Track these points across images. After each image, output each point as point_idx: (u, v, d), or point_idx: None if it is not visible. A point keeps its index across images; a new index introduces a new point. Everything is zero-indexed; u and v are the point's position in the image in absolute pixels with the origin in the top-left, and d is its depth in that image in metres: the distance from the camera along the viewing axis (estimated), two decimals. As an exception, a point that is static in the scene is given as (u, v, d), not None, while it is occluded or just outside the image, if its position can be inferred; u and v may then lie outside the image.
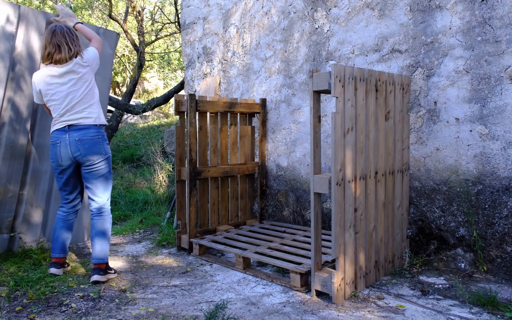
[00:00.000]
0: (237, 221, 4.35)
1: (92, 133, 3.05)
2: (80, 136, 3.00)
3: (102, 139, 3.10)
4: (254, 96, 4.61)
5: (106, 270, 3.11)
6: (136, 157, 8.53)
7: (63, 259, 3.24)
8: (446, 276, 3.05)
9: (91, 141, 3.03)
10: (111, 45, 3.94)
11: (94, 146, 3.04)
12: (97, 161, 3.06)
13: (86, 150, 3.02)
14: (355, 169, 2.76)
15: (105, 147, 3.12)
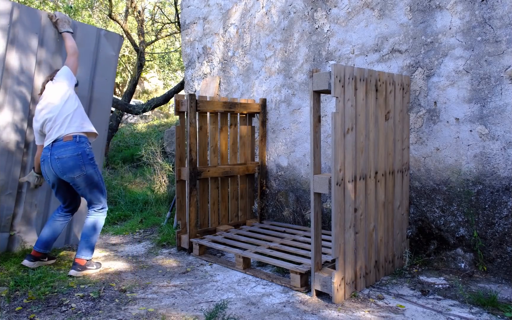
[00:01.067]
0: (237, 221, 4.35)
1: (70, 151, 3.11)
2: (59, 154, 3.11)
3: (82, 155, 3.13)
4: (254, 96, 4.61)
5: (85, 266, 3.22)
6: (136, 157, 8.53)
7: (40, 254, 3.35)
8: (446, 276, 3.05)
9: (69, 160, 3.10)
10: (113, 47, 3.93)
11: (72, 164, 3.11)
12: (77, 177, 3.16)
13: (64, 169, 3.13)
14: (355, 169, 2.76)
15: (85, 163, 3.15)
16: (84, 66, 3.74)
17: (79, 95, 3.57)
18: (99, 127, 3.79)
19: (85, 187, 3.20)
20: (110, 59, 3.91)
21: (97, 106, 3.86)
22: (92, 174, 3.19)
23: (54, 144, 3.12)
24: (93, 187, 3.23)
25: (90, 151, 3.20)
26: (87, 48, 3.76)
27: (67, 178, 3.15)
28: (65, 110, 3.16)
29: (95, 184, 3.24)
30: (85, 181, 3.17)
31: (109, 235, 4.56)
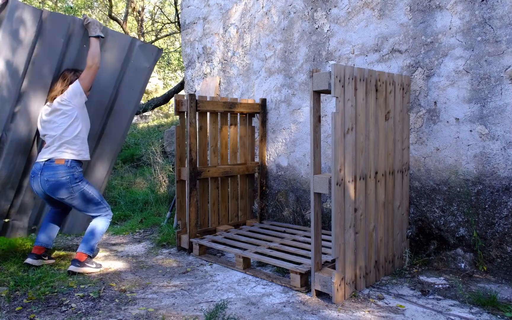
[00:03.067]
0: (237, 221, 4.35)
1: (59, 174, 3.16)
2: (48, 177, 3.17)
3: (70, 180, 3.18)
4: (254, 96, 4.61)
5: (84, 262, 3.26)
6: (136, 157, 8.52)
7: (42, 250, 3.40)
8: (446, 276, 3.05)
9: (57, 183, 3.16)
10: (148, 59, 3.76)
11: (60, 187, 3.17)
12: (67, 198, 3.23)
13: (53, 191, 3.19)
14: (355, 169, 2.76)
15: (74, 187, 3.21)
16: (109, 74, 3.60)
17: (98, 101, 3.54)
18: (114, 135, 3.73)
19: (79, 204, 3.29)
20: (142, 70, 3.76)
21: (116, 115, 3.74)
22: (82, 193, 3.25)
23: (46, 163, 3.17)
24: (87, 202, 3.30)
25: (79, 174, 3.26)
26: (116, 57, 3.61)
27: (57, 198, 3.23)
28: (65, 136, 3.20)
29: (89, 200, 3.30)
30: (77, 199, 3.26)
31: (109, 235, 4.56)
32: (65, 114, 3.21)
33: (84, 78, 3.25)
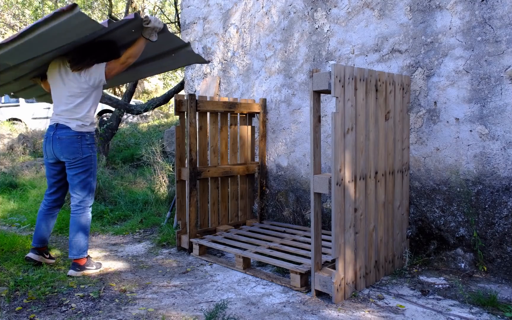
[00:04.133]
0: (237, 221, 4.35)
1: (71, 132, 3.15)
2: (60, 135, 3.16)
3: (81, 139, 3.17)
4: (254, 96, 4.61)
5: (84, 266, 3.23)
6: (136, 157, 8.52)
7: (42, 248, 3.42)
8: (446, 276, 3.05)
9: (68, 140, 3.15)
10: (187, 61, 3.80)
11: (70, 145, 3.15)
12: (74, 160, 3.18)
13: (63, 148, 3.16)
14: (355, 169, 2.76)
15: (83, 148, 3.19)
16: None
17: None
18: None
19: (79, 173, 3.21)
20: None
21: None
22: (88, 160, 3.22)
23: (58, 125, 3.19)
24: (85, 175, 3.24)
25: (90, 138, 3.24)
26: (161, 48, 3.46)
27: (64, 158, 3.19)
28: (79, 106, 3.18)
29: (86, 173, 3.24)
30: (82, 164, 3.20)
31: (109, 235, 4.56)
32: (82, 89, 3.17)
33: (112, 69, 3.15)
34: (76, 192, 3.24)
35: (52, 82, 3.27)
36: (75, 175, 3.21)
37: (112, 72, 3.15)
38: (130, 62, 3.14)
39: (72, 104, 3.16)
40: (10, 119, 12.33)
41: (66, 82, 3.17)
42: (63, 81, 3.19)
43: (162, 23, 3.04)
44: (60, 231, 4.65)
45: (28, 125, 12.23)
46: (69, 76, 3.16)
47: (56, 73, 3.22)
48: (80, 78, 3.13)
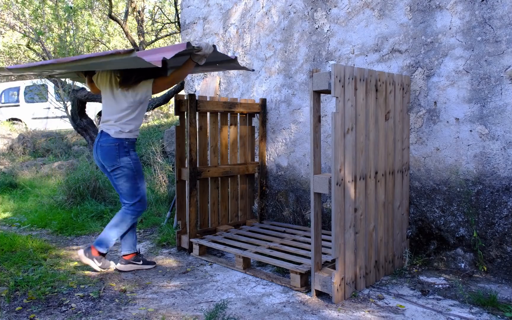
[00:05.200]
0: (237, 221, 4.35)
1: (111, 139, 3.16)
2: (102, 142, 3.19)
3: (119, 147, 3.16)
4: (254, 96, 4.61)
5: (94, 258, 3.24)
6: (136, 157, 8.51)
7: (131, 255, 3.39)
8: (446, 276, 3.05)
9: (107, 147, 3.16)
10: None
11: (109, 152, 3.16)
12: (113, 168, 3.19)
13: (103, 155, 3.19)
14: (355, 169, 2.76)
15: (121, 155, 3.17)
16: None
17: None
18: None
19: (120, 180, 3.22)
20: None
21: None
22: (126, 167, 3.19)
23: (102, 133, 3.21)
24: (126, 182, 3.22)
25: (128, 145, 3.21)
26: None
27: (105, 165, 3.21)
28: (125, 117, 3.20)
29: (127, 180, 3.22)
30: (120, 172, 3.19)
31: (109, 235, 4.56)
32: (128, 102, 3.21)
33: (159, 86, 3.22)
34: (126, 199, 3.27)
35: (103, 92, 3.30)
36: (121, 184, 3.23)
37: (158, 89, 3.23)
38: (177, 82, 3.21)
39: (119, 115, 3.18)
40: (10, 119, 12.33)
41: (115, 96, 3.21)
42: (112, 94, 3.21)
43: (212, 48, 3.05)
44: (60, 231, 4.65)
45: (28, 125, 12.23)
46: (118, 91, 3.19)
47: (106, 84, 3.25)
48: (127, 94, 3.17)
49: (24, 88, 12.29)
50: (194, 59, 3.06)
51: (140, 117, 3.29)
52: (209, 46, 3.02)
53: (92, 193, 5.65)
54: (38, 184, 7.05)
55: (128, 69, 3.14)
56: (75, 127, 8.30)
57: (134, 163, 3.23)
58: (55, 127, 11.97)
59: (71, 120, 8.21)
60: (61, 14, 9.37)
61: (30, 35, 9.69)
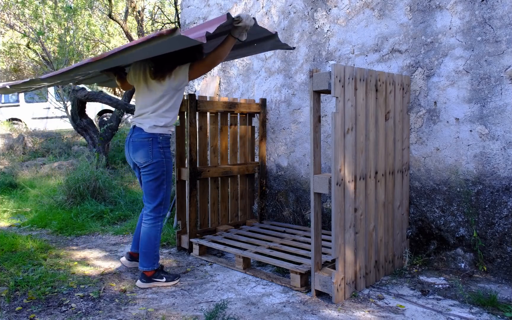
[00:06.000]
0: (237, 221, 4.35)
1: (143, 134, 2.94)
2: (134, 137, 2.98)
3: (153, 142, 2.94)
4: (254, 96, 4.61)
5: (151, 277, 3.00)
6: (136, 157, 8.52)
7: (136, 254, 3.30)
8: (446, 276, 3.05)
9: (139, 143, 2.95)
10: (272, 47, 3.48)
11: (141, 148, 2.95)
12: (145, 164, 2.97)
13: (135, 151, 2.98)
14: (355, 169, 2.76)
15: (154, 151, 2.95)
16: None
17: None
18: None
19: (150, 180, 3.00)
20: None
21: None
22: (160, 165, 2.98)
23: (135, 128, 3.02)
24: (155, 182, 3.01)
25: (162, 141, 3.00)
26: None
27: (136, 161, 3.02)
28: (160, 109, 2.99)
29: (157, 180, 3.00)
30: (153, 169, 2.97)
31: (109, 235, 4.56)
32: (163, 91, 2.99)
33: (196, 70, 2.94)
34: (147, 200, 3.04)
35: (136, 86, 3.11)
36: (146, 182, 3.00)
37: (195, 74, 2.96)
38: (217, 63, 2.91)
39: (154, 106, 2.96)
40: (10, 119, 12.33)
41: (150, 86, 2.99)
42: (147, 85, 3.01)
43: (253, 20, 2.73)
44: (60, 231, 4.65)
45: (28, 125, 12.24)
46: (153, 82, 2.97)
47: (140, 77, 3.05)
48: (163, 83, 2.94)
49: (24, 88, 12.28)
50: (234, 34, 2.74)
51: (176, 108, 3.04)
52: (250, 18, 2.71)
53: (92, 193, 5.64)
54: (38, 184, 7.05)
55: (161, 58, 2.90)
56: (75, 127, 8.31)
57: (167, 162, 3.02)
58: (55, 127, 11.98)
59: (71, 120, 8.22)
60: (61, 14, 9.37)
61: (30, 35, 9.69)
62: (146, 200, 3.06)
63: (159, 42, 2.29)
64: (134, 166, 3.11)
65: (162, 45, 2.42)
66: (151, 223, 3.04)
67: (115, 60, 2.64)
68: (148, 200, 3.04)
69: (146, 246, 3.02)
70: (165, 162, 3.00)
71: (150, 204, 3.03)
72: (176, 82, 2.94)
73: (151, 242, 3.03)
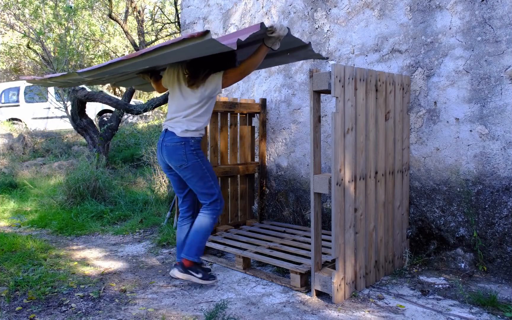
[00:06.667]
0: (237, 221, 4.35)
1: (176, 138, 2.95)
2: (167, 141, 2.98)
3: (185, 145, 2.94)
4: (254, 96, 4.61)
5: (188, 269, 2.97)
6: (136, 157, 8.53)
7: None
8: (446, 276, 3.05)
9: (173, 147, 2.96)
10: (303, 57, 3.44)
11: (175, 152, 2.96)
12: (181, 167, 2.98)
13: (169, 155, 2.99)
14: (355, 169, 2.76)
15: (188, 154, 2.95)
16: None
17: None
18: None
19: (191, 180, 3.00)
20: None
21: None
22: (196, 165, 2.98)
23: (167, 132, 3.01)
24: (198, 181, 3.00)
25: (194, 144, 2.99)
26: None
27: (172, 165, 3.02)
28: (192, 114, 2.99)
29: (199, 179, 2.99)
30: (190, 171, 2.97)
31: (109, 235, 4.56)
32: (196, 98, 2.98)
33: (229, 78, 2.93)
34: (203, 199, 3.06)
35: (170, 90, 3.10)
36: (194, 185, 3.02)
37: (229, 82, 2.95)
38: (249, 72, 2.92)
39: (187, 111, 2.96)
40: (10, 119, 12.33)
41: (183, 92, 2.99)
42: (180, 90, 3.01)
43: (287, 30, 2.73)
44: (60, 231, 4.65)
45: (28, 125, 12.24)
46: (186, 88, 2.98)
47: (174, 81, 3.05)
48: (196, 91, 2.94)
49: (24, 88, 12.31)
50: (268, 43, 2.74)
51: (208, 113, 3.04)
52: (284, 28, 2.69)
53: (92, 193, 5.65)
54: (38, 184, 7.05)
55: (195, 65, 2.91)
56: (75, 127, 8.31)
57: (202, 161, 3.02)
58: (55, 127, 11.98)
59: (71, 120, 8.22)
60: (61, 14, 9.37)
61: (30, 35, 9.70)
62: (201, 199, 3.06)
63: (190, 44, 2.27)
64: (167, 168, 3.10)
65: (193, 49, 2.40)
66: (207, 213, 3.03)
67: (146, 61, 2.62)
68: (204, 199, 3.05)
69: (194, 234, 3.01)
70: (200, 162, 3.00)
71: (206, 201, 3.04)
72: (209, 90, 2.93)
73: (201, 231, 3.01)
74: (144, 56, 2.47)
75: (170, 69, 3.10)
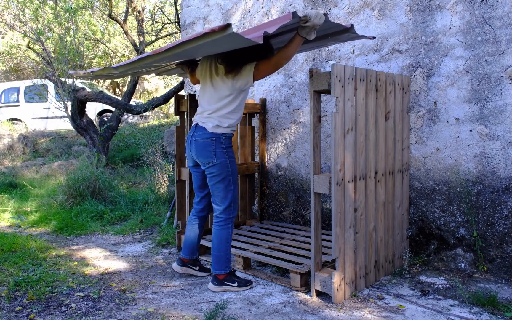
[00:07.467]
0: (237, 221, 4.34)
1: (206, 134, 2.87)
2: (197, 136, 2.91)
3: (216, 142, 2.86)
4: (254, 96, 4.61)
5: (224, 281, 2.93)
6: (136, 157, 8.53)
7: (187, 260, 3.20)
8: (446, 276, 3.05)
9: (203, 143, 2.87)
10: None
11: (204, 148, 2.87)
12: (208, 165, 2.89)
13: (198, 151, 2.91)
14: (355, 169, 2.76)
15: (218, 152, 2.86)
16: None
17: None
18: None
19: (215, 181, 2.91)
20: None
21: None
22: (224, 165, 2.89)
23: (198, 127, 2.94)
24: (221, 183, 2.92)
25: (225, 141, 2.92)
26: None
27: (199, 161, 2.95)
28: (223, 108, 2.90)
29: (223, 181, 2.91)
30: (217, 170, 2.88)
31: (109, 235, 4.56)
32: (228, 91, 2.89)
33: (261, 70, 2.78)
34: (216, 202, 2.95)
35: (202, 82, 3.02)
36: (214, 185, 2.92)
37: (261, 74, 2.80)
38: (283, 64, 2.75)
39: (217, 105, 2.87)
40: (10, 119, 12.33)
41: (214, 84, 2.90)
42: (211, 82, 2.91)
43: (323, 17, 2.49)
44: (60, 231, 4.65)
45: (28, 125, 12.23)
46: (218, 79, 2.88)
47: (206, 72, 2.96)
48: (227, 82, 2.84)
49: (24, 88, 12.31)
50: (302, 34, 2.55)
51: (240, 110, 2.93)
52: (319, 15, 2.47)
53: (92, 193, 5.65)
54: (38, 184, 7.05)
55: (234, 55, 2.79)
56: (75, 127, 8.31)
57: (231, 162, 2.92)
58: (55, 127, 11.98)
59: (71, 120, 8.22)
60: (61, 14, 9.37)
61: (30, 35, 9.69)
62: (215, 202, 2.97)
63: (212, 39, 2.19)
64: (193, 164, 3.05)
65: (215, 43, 2.32)
66: (222, 225, 2.95)
67: (171, 56, 2.57)
68: (218, 202, 2.95)
69: (217, 249, 2.95)
70: (229, 163, 2.91)
71: (220, 206, 2.94)
72: (240, 82, 2.81)
73: (223, 244, 2.95)
74: (169, 51, 2.44)
75: (204, 60, 3.00)
